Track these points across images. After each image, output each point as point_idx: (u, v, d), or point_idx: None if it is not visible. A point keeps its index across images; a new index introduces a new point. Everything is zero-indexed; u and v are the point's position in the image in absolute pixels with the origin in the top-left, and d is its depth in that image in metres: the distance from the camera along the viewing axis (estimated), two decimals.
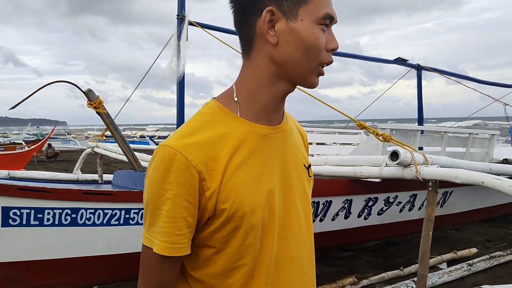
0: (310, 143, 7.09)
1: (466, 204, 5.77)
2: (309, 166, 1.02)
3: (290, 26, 0.86)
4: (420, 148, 5.60)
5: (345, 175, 2.83)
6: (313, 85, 0.91)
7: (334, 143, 6.56)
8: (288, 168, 0.94)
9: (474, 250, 4.90)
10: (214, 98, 0.94)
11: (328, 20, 0.87)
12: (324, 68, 0.90)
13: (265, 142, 0.90)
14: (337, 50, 0.90)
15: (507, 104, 6.56)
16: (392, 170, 2.63)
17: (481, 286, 2.52)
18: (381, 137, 2.80)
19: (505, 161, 4.79)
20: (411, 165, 2.47)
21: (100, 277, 3.47)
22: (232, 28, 0.93)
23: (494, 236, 6.02)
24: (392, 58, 6.00)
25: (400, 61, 5.65)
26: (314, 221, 4.47)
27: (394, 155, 2.49)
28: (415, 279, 3.06)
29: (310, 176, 1.02)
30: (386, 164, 2.59)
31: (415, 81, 6.27)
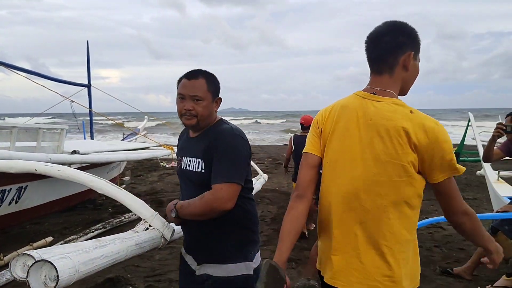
0: None
1: (43, 197, 5.92)
2: None
3: (415, 63, 1.58)
4: None
5: None
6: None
7: None
8: None
9: (50, 238, 5.17)
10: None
11: None
12: None
13: None
14: None
15: (74, 101, 7.24)
16: None
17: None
18: None
19: (74, 152, 5.31)
20: None
21: None
22: None
23: (71, 223, 6.52)
24: None
25: None
26: None
27: None
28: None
29: None
30: None
31: None
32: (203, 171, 1.91)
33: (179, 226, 2.53)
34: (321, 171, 1.68)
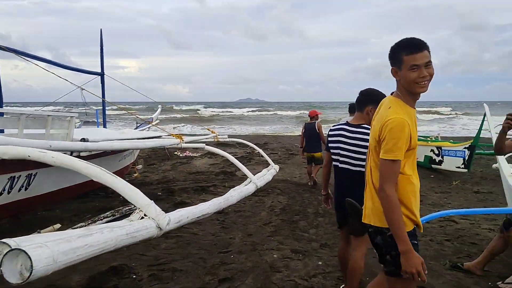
0: None
1: (54, 184, 5.97)
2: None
3: (401, 72, 2.15)
4: (1, 131, 5.36)
5: None
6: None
7: None
8: None
9: (58, 225, 5.22)
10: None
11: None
12: None
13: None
14: None
15: (84, 89, 7.26)
16: None
17: None
18: None
19: (83, 140, 5.32)
20: None
21: None
22: None
23: (81, 211, 6.58)
24: None
25: None
26: None
27: None
28: None
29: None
30: None
31: (9, 61, 5.80)
32: None
33: (176, 215, 2.47)
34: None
